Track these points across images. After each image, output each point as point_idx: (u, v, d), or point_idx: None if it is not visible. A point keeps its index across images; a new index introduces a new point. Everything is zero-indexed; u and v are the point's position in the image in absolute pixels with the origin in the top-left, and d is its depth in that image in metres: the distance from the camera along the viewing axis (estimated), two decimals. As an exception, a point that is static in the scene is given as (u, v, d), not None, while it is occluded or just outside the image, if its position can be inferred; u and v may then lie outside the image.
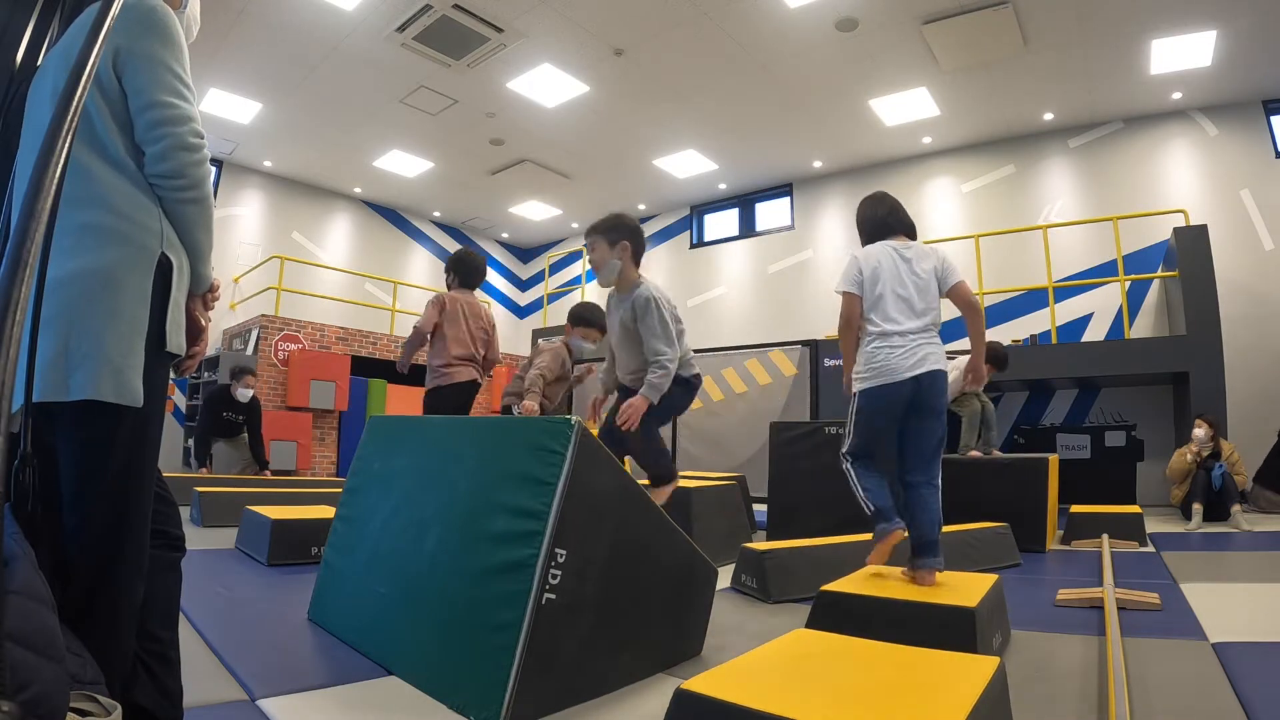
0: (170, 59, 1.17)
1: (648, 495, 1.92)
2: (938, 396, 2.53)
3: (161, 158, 1.14)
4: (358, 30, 6.65)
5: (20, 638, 0.71)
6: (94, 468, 1.07)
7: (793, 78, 7.39)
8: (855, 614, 1.98)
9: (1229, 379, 5.86)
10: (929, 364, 2.49)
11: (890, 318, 2.52)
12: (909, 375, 2.47)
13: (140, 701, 1.14)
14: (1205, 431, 5.31)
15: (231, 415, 6.41)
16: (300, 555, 3.36)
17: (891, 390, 2.49)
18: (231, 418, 6.41)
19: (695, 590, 2.07)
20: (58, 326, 1.04)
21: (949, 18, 6.22)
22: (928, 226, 9.01)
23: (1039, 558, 3.97)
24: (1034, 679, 1.84)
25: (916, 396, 2.49)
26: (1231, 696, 1.64)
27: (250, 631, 2.18)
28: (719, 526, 3.93)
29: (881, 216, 2.68)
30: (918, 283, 2.55)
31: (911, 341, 2.52)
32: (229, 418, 6.40)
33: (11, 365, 0.58)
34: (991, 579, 2.18)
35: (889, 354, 2.50)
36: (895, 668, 1.34)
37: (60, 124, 0.66)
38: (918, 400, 2.49)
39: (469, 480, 1.89)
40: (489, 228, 12.70)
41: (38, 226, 0.61)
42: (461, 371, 3.79)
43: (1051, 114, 8.03)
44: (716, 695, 1.16)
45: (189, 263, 1.22)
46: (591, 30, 6.62)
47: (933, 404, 2.52)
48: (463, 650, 1.65)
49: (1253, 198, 7.27)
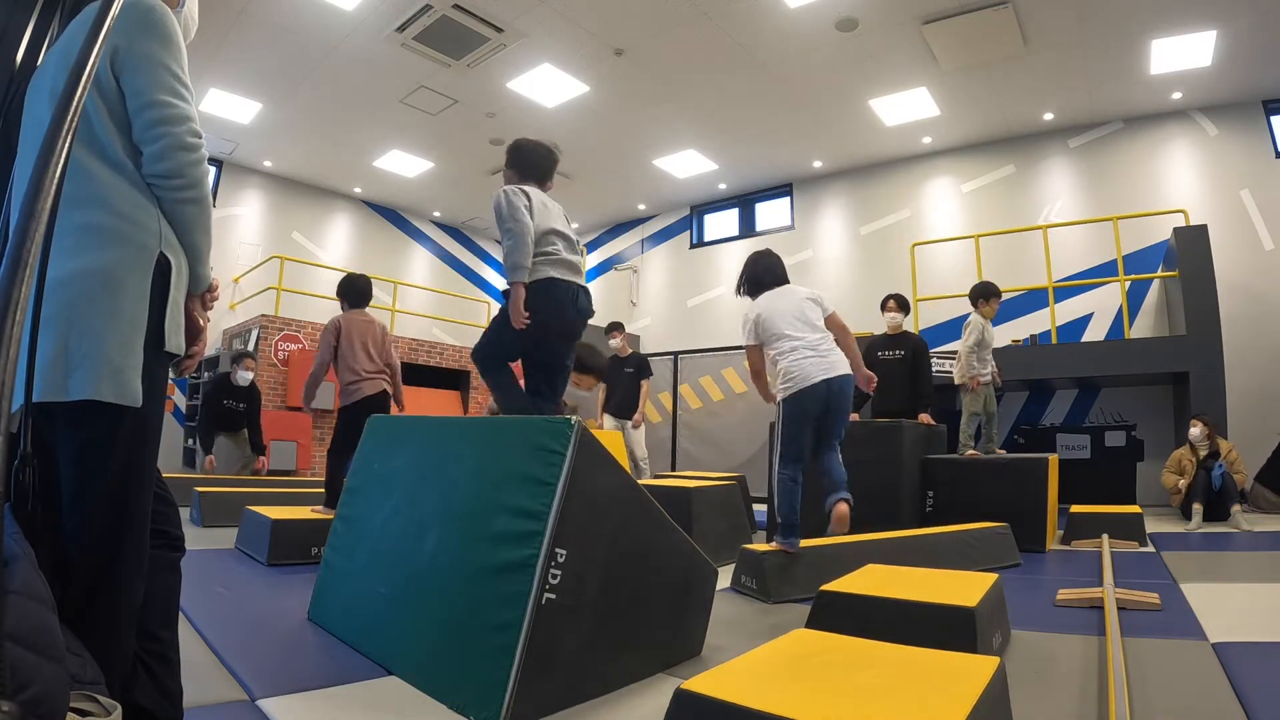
0: (168, 59, 1.17)
1: (648, 495, 1.91)
2: (847, 398, 3.08)
3: (159, 157, 1.14)
4: (358, 30, 6.65)
5: (20, 638, 0.71)
6: (94, 468, 1.07)
7: (793, 78, 7.39)
8: (855, 614, 1.98)
9: (1229, 379, 5.86)
10: (838, 369, 3.03)
11: (792, 335, 3.07)
12: (821, 379, 2.98)
13: (140, 701, 1.14)
14: (1200, 430, 5.32)
15: (232, 403, 6.41)
16: (300, 555, 3.36)
17: (807, 393, 2.99)
18: (232, 405, 6.41)
19: (695, 590, 2.07)
20: (57, 326, 1.04)
21: (949, 18, 6.21)
22: (928, 226, 9.01)
23: (1039, 558, 3.97)
24: (1034, 679, 1.84)
25: (829, 398, 3.00)
26: (1231, 696, 1.64)
27: (250, 631, 2.18)
28: (719, 526, 3.93)
29: (759, 276, 3.28)
30: (807, 308, 3.15)
31: (820, 349, 3.04)
32: (229, 406, 6.40)
33: (11, 365, 0.58)
34: (991, 579, 2.18)
35: (801, 363, 3.02)
36: (895, 668, 1.34)
37: (60, 124, 0.66)
38: (830, 401, 3.01)
39: (469, 480, 1.89)
40: (489, 228, 12.70)
41: (38, 226, 0.61)
42: (370, 385, 4.08)
43: (1051, 114, 8.03)
44: (716, 695, 1.16)
45: (188, 263, 1.22)
46: (591, 30, 6.62)
47: (842, 405, 3.07)
48: (463, 650, 1.65)
49: (1253, 198, 7.27)
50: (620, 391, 6.36)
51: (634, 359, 6.52)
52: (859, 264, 9.62)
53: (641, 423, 6.35)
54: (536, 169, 2.80)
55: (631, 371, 6.40)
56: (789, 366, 3.02)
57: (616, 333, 6.65)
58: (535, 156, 2.80)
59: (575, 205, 11.41)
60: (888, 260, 9.13)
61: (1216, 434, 5.37)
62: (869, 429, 4.40)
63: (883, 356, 5.12)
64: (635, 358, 6.55)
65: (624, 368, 6.42)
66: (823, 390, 2.97)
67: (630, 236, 12.10)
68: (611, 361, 6.35)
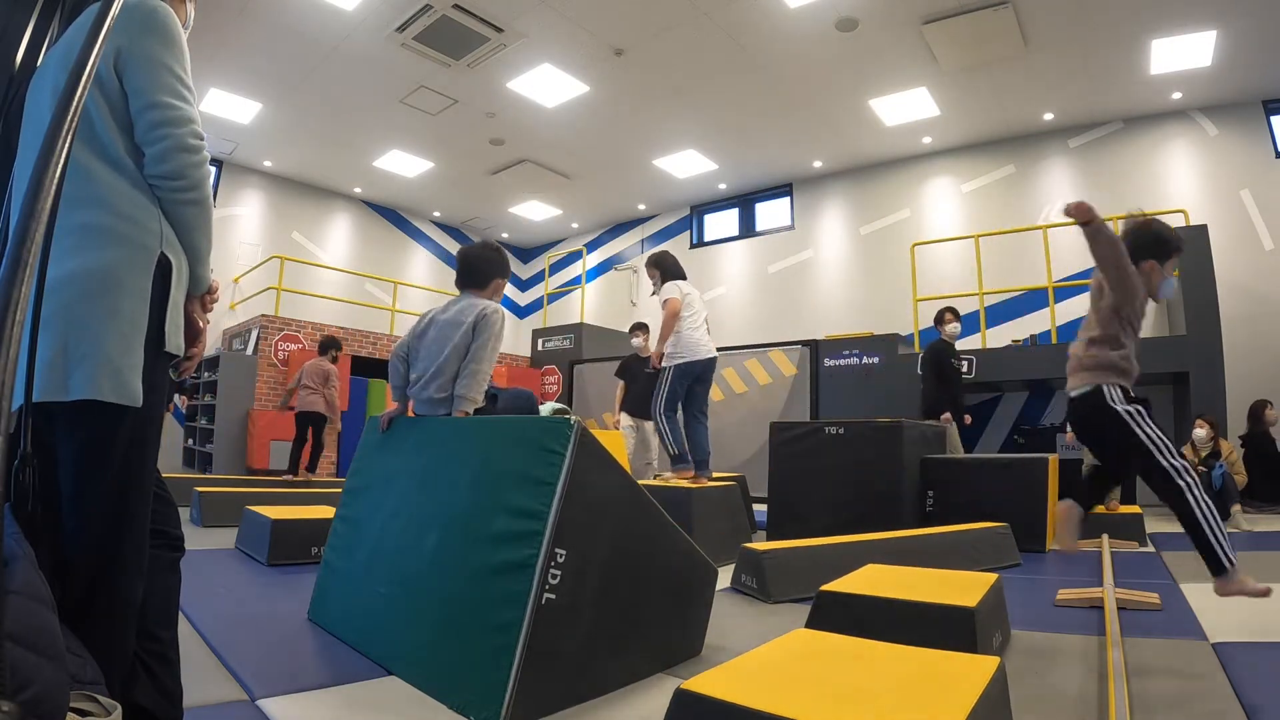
0: (171, 60, 1.16)
1: (648, 495, 1.91)
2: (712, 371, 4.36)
3: (161, 159, 1.14)
4: (358, 30, 6.65)
5: (20, 638, 0.71)
6: (93, 467, 1.07)
7: (793, 78, 7.39)
8: (855, 614, 1.98)
9: (1229, 379, 5.86)
10: (713, 351, 4.32)
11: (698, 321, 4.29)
12: (706, 356, 4.24)
13: (140, 701, 1.14)
14: (1206, 432, 5.32)
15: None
16: (300, 555, 3.36)
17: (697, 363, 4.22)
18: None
19: (695, 590, 2.07)
20: (57, 326, 1.04)
21: (949, 18, 6.22)
22: (928, 226, 9.02)
23: (1039, 558, 3.96)
24: (1034, 679, 1.84)
25: (704, 371, 4.28)
26: (1231, 696, 1.64)
27: (250, 631, 2.18)
28: (719, 526, 3.92)
29: (673, 266, 4.47)
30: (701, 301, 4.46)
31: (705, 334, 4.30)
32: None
33: (11, 365, 0.58)
34: (991, 579, 2.18)
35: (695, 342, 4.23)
36: (895, 668, 1.34)
37: (60, 124, 0.66)
38: (704, 373, 4.29)
39: (469, 480, 1.89)
40: (489, 228, 12.70)
41: (38, 226, 0.61)
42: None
43: (1051, 114, 8.03)
44: (716, 695, 1.16)
45: (188, 263, 1.22)
46: (591, 30, 6.62)
47: (710, 376, 4.36)
48: (463, 650, 1.65)
49: (1253, 198, 7.27)
50: (643, 392, 6.49)
51: None
52: (859, 264, 9.62)
53: None
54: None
55: (651, 372, 6.48)
56: (691, 337, 4.21)
57: (640, 332, 6.80)
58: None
59: (575, 205, 11.42)
60: (888, 260, 9.14)
61: (1218, 435, 5.38)
62: (869, 429, 4.40)
63: (955, 364, 5.63)
64: None
65: (645, 368, 6.53)
66: (702, 365, 4.24)
67: (630, 236, 12.10)
68: (633, 360, 6.67)
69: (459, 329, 2.32)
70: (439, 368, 2.31)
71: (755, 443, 7.80)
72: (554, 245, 13.03)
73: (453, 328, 2.34)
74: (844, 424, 4.50)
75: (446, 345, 2.32)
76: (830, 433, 4.52)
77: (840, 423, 4.54)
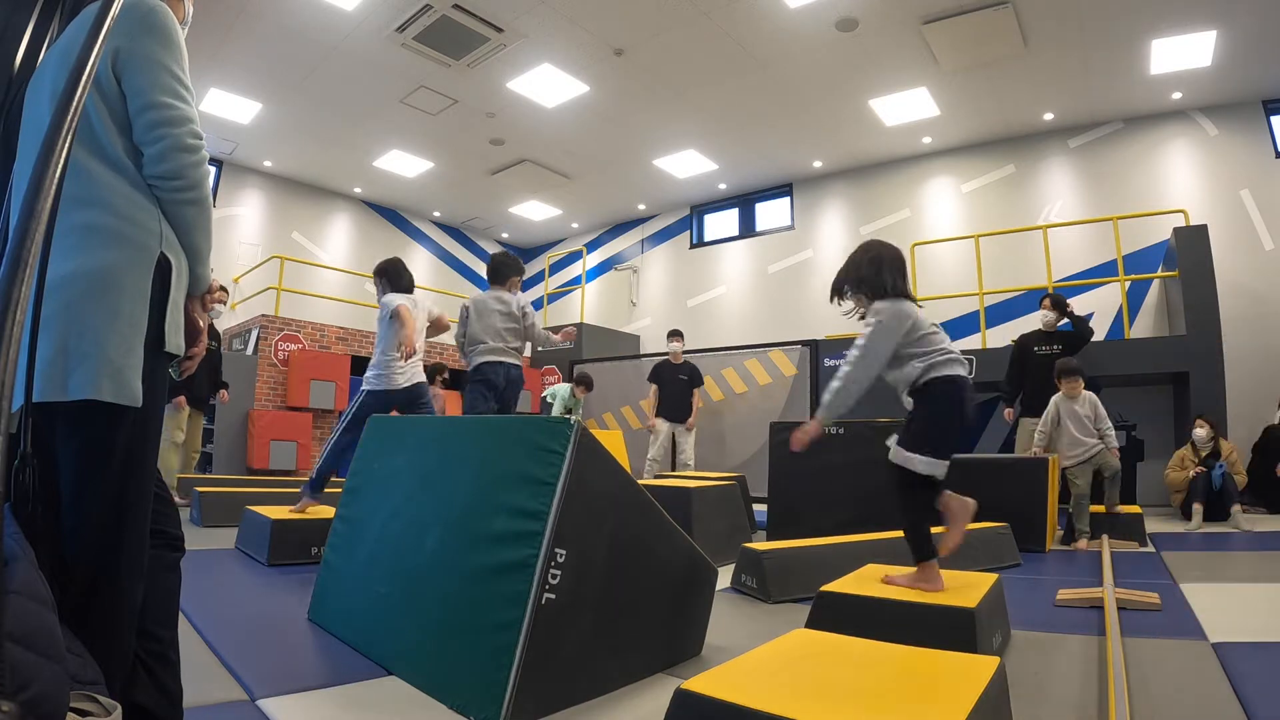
0: (170, 60, 1.16)
1: (648, 495, 1.91)
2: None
3: (160, 159, 1.14)
4: (357, 30, 6.65)
5: (20, 638, 0.71)
6: (93, 468, 1.07)
7: (793, 78, 7.38)
8: (855, 614, 1.98)
9: (1229, 379, 5.86)
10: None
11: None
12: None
13: (140, 701, 1.14)
14: (1206, 432, 5.32)
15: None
16: (300, 555, 3.36)
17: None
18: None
19: (695, 590, 2.07)
20: (57, 326, 1.04)
21: (949, 18, 6.21)
22: (928, 227, 9.01)
23: (1039, 558, 3.97)
24: (1034, 679, 1.84)
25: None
26: (1231, 696, 1.64)
27: (250, 631, 2.18)
28: (719, 526, 3.93)
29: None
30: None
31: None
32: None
33: (11, 365, 0.58)
34: (991, 579, 2.18)
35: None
36: (895, 668, 1.34)
37: (60, 124, 0.66)
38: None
39: (469, 480, 1.89)
40: (489, 228, 12.70)
41: (38, 226, 0.61)
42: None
43: (1051, 114, 8.03)
44: (716, 695, 1.16)
45: (188, 264, 1.22)
46: (591, 30, 6.62)
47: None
48: (463, 650, 1.65)
49: (1253, 198, 7.27)
50: (674, 397, 6.95)
51: (687, 367, 7.10)
52: (859, 264, 9.61)
53: (694, 426, 7.02)
54: None
55: (685, 379, 7.01)
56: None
57: (676, 339, 7.14)
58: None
59: (575, 205, 11.42)
60: (888, 260, 9.12)
61: (1218, 435, 5.38)
62: (869, 429, 4.40)
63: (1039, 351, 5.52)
64: (688, 366, 7.12)
65: (678, 374, 7.02)
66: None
67: (630, 236, 12.09)
68: (665, 367, 7.04)
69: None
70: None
71: (755, 443, 7.80)
72: (554, 245, 13.02)
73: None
74: (844, 424, 4.50)
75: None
76: (830, 433, 4.51)
77: (840, 423, 4.53)
